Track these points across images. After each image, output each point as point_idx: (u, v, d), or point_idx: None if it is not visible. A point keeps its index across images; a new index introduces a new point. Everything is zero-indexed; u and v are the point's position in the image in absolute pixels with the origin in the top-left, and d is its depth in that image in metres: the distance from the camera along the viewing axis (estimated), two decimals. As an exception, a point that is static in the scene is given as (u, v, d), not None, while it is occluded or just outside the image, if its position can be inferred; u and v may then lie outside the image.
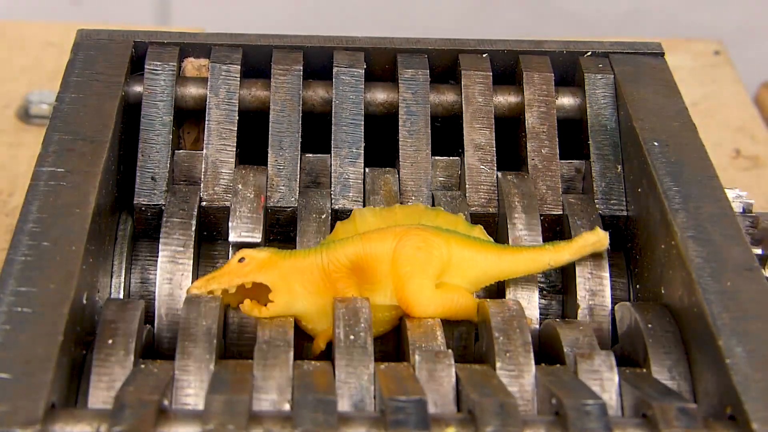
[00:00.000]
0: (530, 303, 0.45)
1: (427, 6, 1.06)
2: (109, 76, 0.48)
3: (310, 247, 0.44)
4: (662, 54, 0.52)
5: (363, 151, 0.48)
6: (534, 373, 0.39)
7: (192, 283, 0.43)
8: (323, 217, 0.46)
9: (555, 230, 0.48)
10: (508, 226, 0.46)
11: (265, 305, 0.42)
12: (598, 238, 0.44)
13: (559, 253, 0.44)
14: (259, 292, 0.42)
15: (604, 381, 0.39)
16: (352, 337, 0.39)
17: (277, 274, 0.42)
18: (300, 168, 0.48)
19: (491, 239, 0.45)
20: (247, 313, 0.42)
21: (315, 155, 0.49)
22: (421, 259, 0.42)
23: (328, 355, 0.42)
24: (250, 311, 0.42)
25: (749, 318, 0.38)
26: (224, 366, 0.39)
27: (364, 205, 0.47)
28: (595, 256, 0.45)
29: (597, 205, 0.47)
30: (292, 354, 0.39)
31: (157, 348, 0.43)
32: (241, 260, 0.42)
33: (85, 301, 0.40)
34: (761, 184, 0.68)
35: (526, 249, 0.44)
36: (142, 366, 0.38)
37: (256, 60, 0.51)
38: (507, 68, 0.52)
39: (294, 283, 0.42)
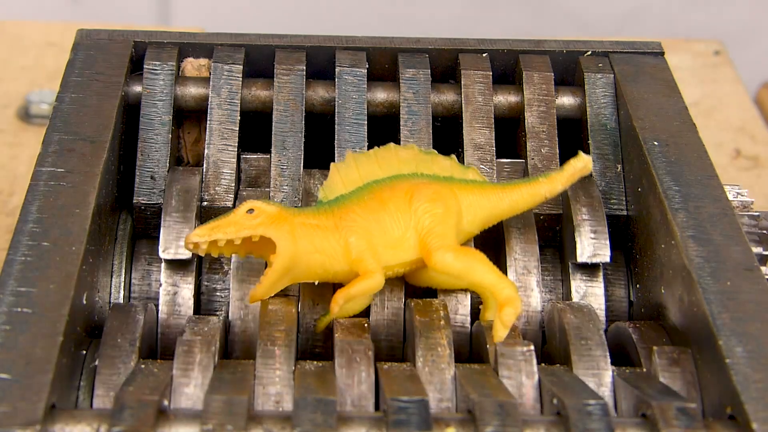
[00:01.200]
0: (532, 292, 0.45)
1: (427, 6, 1.06)
2: (109, 76, 0.48)
3: (318, 206, 0.43)
4: (662, 53, 0.52)
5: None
6: (536, 374, 0.39)
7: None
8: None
9: (555, 229, 0.48)
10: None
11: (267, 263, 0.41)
12: (584, 163, 0.45)
13: (553, 184, 0.45)
14: (262, 247, 0.41)
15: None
16: (354, 339, 0.39)
17: (286, 229, 0.41)
18: (303, 168, 0.48)
19: (486, 179, 0.46)
20: (254, 297, 0.41)
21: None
22: (439, 210, 0.42)
23: (329, 354, 0.42)
24: (255, 291, 0.41)
25: (749, 318, 0.38)
26: (224, 366, 0.39)
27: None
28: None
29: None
30: (293, 354, 0.39)
31: (158, 348, 0.43)
32: (249, 212, 0.41)
33: (85, 302, 0.40)
34: (761, 184, 0.68)
35: (523, 184, 0.45)
36: (142, 366, 0.38)
37: (256, 60, 0.51)
38: (507, 68, 0.52)
39: (302, 239, 0.41)
